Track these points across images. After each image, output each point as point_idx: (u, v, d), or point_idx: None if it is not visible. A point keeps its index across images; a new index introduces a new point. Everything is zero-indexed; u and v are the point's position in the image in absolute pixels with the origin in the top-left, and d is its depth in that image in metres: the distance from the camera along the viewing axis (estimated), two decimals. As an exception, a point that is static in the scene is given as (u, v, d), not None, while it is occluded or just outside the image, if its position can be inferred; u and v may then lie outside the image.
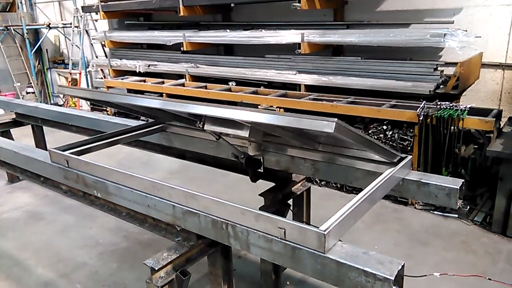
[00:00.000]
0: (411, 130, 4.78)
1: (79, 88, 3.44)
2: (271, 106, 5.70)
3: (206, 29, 7.32)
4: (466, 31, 4.93)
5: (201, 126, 2.57)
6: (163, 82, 7.67)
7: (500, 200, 4.23)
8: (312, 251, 1.75)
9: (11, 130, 5.81)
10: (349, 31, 5.69)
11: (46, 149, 3.69)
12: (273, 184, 3.26)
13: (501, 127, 4.73)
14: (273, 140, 2.92)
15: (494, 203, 4.31)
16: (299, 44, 5.73)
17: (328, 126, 1.74)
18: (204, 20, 7.92)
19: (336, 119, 1.75)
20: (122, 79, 8.45)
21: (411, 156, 2.51)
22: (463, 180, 2.34)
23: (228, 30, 6.75)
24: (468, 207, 4.70)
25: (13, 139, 5.44)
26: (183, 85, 7.29)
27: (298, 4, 5.38)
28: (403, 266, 1.66)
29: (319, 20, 6.41)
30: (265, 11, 7.06)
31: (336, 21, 6.26)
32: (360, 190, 2.15)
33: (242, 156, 2.87)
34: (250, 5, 7.26)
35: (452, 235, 4.35)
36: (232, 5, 7.23)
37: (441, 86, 4.94)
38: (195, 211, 2.18)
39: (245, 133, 2.38)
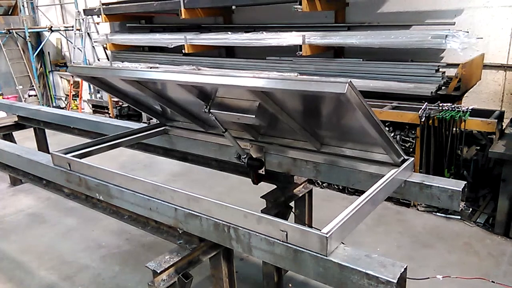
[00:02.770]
0: (413, 132, 4.77)
1: (89, 66, 3.44)
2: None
3: (208, 32, 7.33)
4: (468, 32, 4.92)
5: (207, 111, 2.56)
6: (164, 85, 7.67)
7: (502, 202, 4.22)
8: (314, 254, 1.75)
9: (13, 133, 5.83)
10: (350, 33, 5.70)
11: (48, 152, 3.69)
12: (275, 186, 3.26)
13: (503, 128, 4.72)
14: (275, 142, 2.92)
15: (497, 204, 4.30)
16: (300, 46, 5.74)
17: (340, 87, 1.71)
18: (205, 22, 7.94)
19: (349, 80, 1.72)
20: (124, 81, 8.46)
21: (413, 158, 2.50)
22: (466, 182, 2.33)
23: (229, 32, 6.77)
24: (471, 209, 4.68)
25: (15, 142, 5.47)
26: (184, 87, 7.30)
27: (299, 6, 5.38)
28: (405, 268, 1.65)
29: (320, 22, 6.41)
30: (266, 13, 7.06)
31: (337, 23, 6.26)
32: (362, 192, 2.15)
33: (245, 156, 2.87)
34: (251, 7, 7.26)
35: (455, 237, 4.33)
36: (233, 7, 7.23)
37: (442, 88, 4.94)
38: (197, 214, 2.18)
39: (252, 115, 2.34)
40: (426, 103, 4.68)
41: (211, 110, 2.56)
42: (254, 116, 2.34)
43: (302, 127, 2.53)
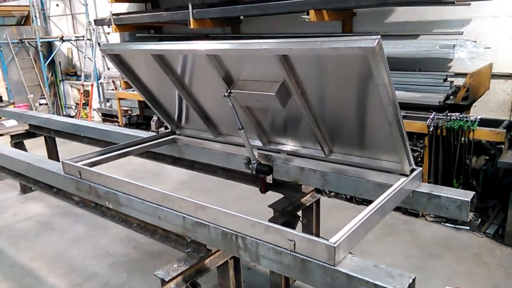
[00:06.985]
0: (421, 141, 4.76)
1: (119, 44, 3.57)
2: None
3: (216, 41, 7.40)
4: (476, 42, 4.92)
5: (226, 95, 2.60)
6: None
7: (512, 212, 4.18)
8: (322, 263, 1.74)
9: (24, 141, 5.92)
10: (357, 43, 5.71)
11: (58, 160, 3.75)
12: (282, 195, 3.27)
13: (512, 138, 4.69)
14: (283, 149, 2.94)
15: (507, 215, 4.25)
16: (308, 55, 5.76)
17: (369, 41, 1.79)
18: (213, 32, 8.02)
19: (379, 36, 1.79)
20: (133, 90, 8.56)
21: (421, 168, 2.50)
22: (474, 193, 2.32)
23: (237, 42, 6.82)
24: (480, 220, 4.64)
25: (26, 150, 5.54)
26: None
27: (306, 17, 5.43)
28: (414, 279, 1.65)
29: (328, 32, 6.45)
30: (274, 23, 7.12)
31: (344, 33, 6.29)
32: (370, 201, 2.15)
33: (255, 162, 2.88)
34: (259, 17, 7.33)
35: (464, 247, 4.29)
36: (241, 17, 7.31)
37: (451, 97, 4.93)
38: (205, 222, 2.19)
39: (272, 92, 2.39)
40: (434, 112, 4.67)
41: (231, 92, 2.59)
42: (274, 94, 2.38)
43: (316, 122, 2.54)
